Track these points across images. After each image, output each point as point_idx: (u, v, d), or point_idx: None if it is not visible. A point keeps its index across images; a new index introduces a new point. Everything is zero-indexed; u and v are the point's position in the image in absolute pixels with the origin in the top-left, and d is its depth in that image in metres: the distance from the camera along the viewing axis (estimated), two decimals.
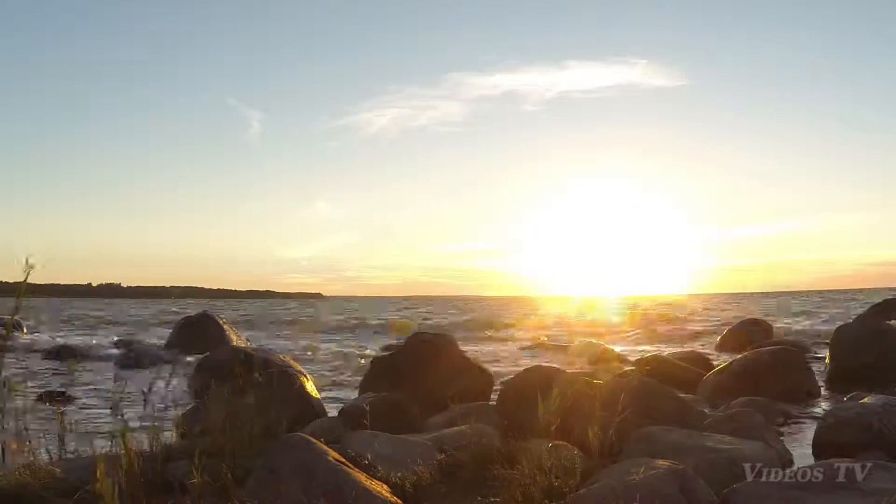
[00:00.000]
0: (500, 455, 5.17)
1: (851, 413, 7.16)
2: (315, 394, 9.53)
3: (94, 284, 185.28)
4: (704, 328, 31.36)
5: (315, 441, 4.68)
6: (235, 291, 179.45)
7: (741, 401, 8.91)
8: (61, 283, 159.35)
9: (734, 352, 16.35)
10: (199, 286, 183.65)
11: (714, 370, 12.32)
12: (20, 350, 20.67)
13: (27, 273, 4.07)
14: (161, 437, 5.32)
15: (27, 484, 4.14)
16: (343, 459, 4.59)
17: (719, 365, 12.87)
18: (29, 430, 4.98)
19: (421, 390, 9.53)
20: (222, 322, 21.04)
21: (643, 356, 15.08)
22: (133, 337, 26.26)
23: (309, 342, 24.84)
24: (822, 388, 11.48)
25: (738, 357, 12.29)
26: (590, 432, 5.44)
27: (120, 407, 4.91)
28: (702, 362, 14.11)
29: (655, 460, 4.72)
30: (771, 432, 6.88)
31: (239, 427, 5.21)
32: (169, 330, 24.51)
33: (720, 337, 23.03)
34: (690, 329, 31.32)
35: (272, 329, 36.96)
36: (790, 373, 11.00)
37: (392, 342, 23.12)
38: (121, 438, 3.92)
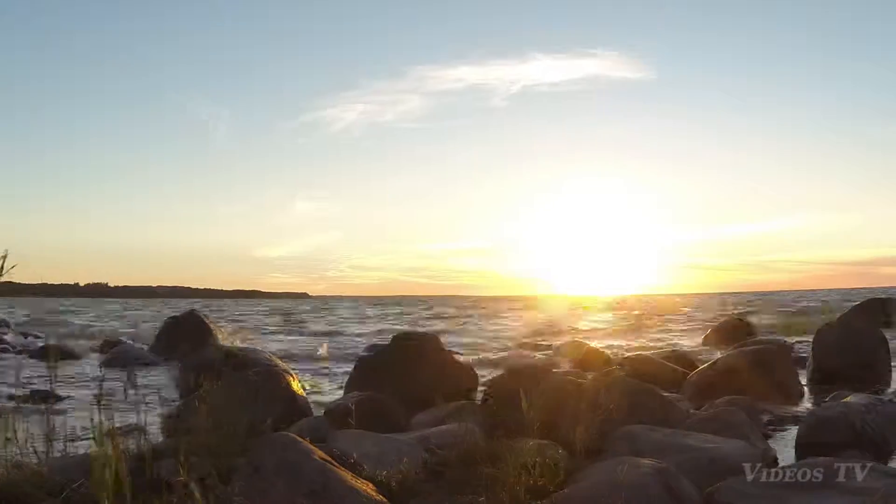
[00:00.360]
0: (485, 454, 5.20)
1: (834, 412, 7.22)
2: (301, 392, 9.54)
3: (82, 284, 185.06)
4: (688, 327, 31.48)
5: (300, 440, 4.70)
6: (222, 291, 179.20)
7: (724, 400, 8.96)
8: (49, 283, 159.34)
9: (718, 350, 16.44)
10: (186, 286, 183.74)
11: (698, 369, 12.39)
12: (6, 349, 20.64)
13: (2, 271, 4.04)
14: (147, 436, 5.34)
15: (15, 482, 4.15)
16: (328, 458, 4.61)
17: (703, 364, 12.94)
18: (16, 430, 4.98)
19: (406, 389, 9.56)
20: (208, 321, 20.99)
21: (627, 355, 15.12)
22: (119, 336, 26.19)
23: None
24: (805, 388, 11.55)
25: (722, 356, 12.37)
26: (574, 431, 5.48)
27: (106, 406, 4.90)
28: (685, 361, 14.17)
29: (639, 459, 4.77)
30: (754, 431, 6.93)
31: (225, 426, 5.23)
32: (156, 329, 24.43)
33: (704, 336, 23.15)
34: (673, 328, 31.44)
35: (260, 328, 36.90)
36: (773, 372, 11.06)
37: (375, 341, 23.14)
38: (107, 437, 3.93)
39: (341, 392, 11.09)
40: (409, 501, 4.51)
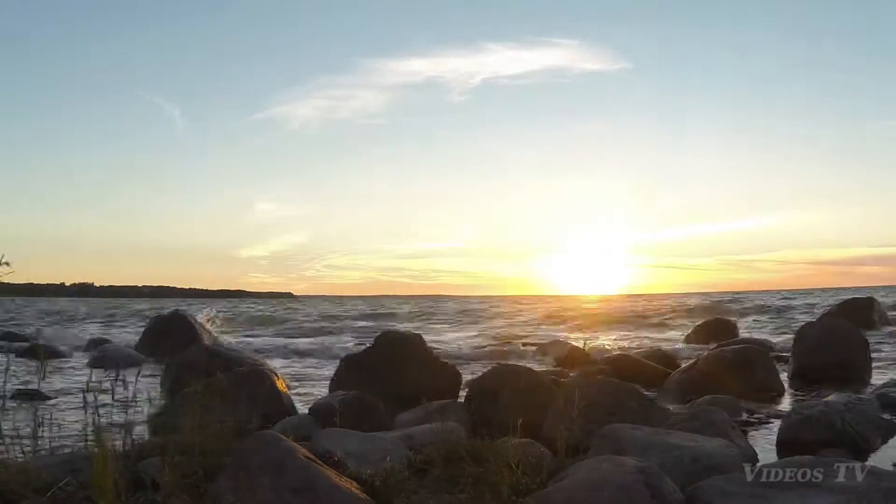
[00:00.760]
0: (469, 452, 5.24)
1: (815, 411, 7.30)
2: (285, 391, 9.57)
3: (68, 284, 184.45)
4: (669, 326, 31.58)
5: (285, 438, 4.73)
6: (207, 291, 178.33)
7: (706, 398, 9.04)
8: (36, 283, 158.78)
9: (700, 349, 16.52)
10: (171, 286, 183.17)
11: (679, 368, 12.48)
12: None
13: None
14: (133, 435, 5.36)
15: (1, 480, 4.17)
16: (313, 456, 4.64)
17: (685, 363, 13.02)
18: (2, 428, 4.99)
19: (390, 388, 9.61)
20: (194, 321, 20.97)
21: (609, 354, 15.20)
22: (105, 336, 26.12)
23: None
24: (786, 387, 11.64)
25: (703, 355, 12.46)
26: (557, 430, 5.53)
27: (92, 405, 4.92)
28: (667, 360, 14.30)
29: (622, 458, 4.79)
30: (735, 430, 6.98)
31: (210, 425, 5.25)
32: (142, 328, 24.38)
33: (685, 335, 23.26)
34: (654, 327, 31.54)
35: (245, 328, 36.81)
36: (754, 371, 11.15)
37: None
38: (94, 436, 3.96)
39: (326, 391, 11.11)
40: (393, 499, 4.54)
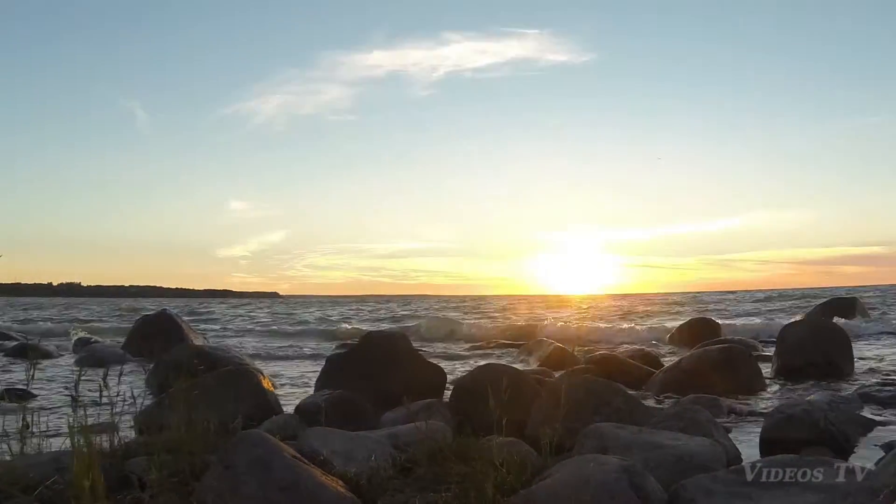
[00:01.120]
0: (454, 451, 5.27)
1: (798, 410, 7.34)
2: (271, 390, 9.58)
3: (55, 284, 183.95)
4: (652, 325, 31.62)
5: (271, 437, 4.76)
6: (193, 290, 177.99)
7: (689, 398, 9.10)
8: (24, 283, 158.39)
9: (684, 349, 16.60)
10: (158, 285, 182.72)
11: (663, 367, 12.55)
12: None
13: None
14: (120, 434, 5.38)
15: None
16: (299, 455, 4.67)
17: (669, 362, 13.09)
18: None
19: (376, 387, 9.62)
20: (181, 320, 20.93)
21: (594, 354, 15.27)
22: (93, 335, 26.01)
23: None
24: (769, 386, 11.71)
25: (687, 354, 12.54)
26: (541, 429, 5.57)
27: (80, 404, 4.93)
28: (651, 360, 14.36)
29: (606, 456, 4.82)
30: (718, 428, 7.02)
31: (196, 424, 5.28)
32: (128, 328, 24.28)
33: (669, 335, 23.33)
34: (637, 327, 31.58)
35: (234, 328, 36.78)
36: (738, 370, 11.22)
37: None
38: (81, 435, 3.97)
39: (312, 390, 11.12)
40: (378, 498, 4.56)
